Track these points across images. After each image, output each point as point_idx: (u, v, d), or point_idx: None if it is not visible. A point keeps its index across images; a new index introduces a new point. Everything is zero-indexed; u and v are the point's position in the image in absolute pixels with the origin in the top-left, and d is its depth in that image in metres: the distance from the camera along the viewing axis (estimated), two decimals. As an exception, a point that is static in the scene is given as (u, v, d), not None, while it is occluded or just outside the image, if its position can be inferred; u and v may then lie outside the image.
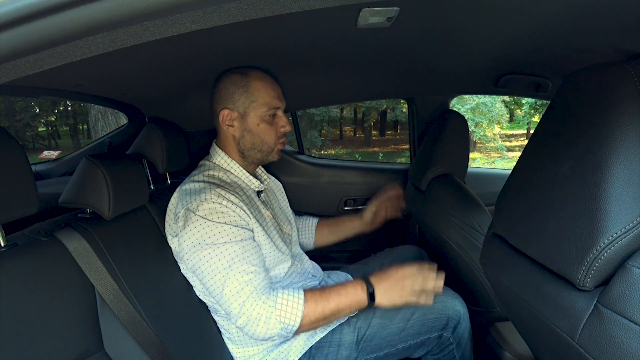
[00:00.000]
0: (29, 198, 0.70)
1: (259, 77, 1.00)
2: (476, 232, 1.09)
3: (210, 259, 0.88)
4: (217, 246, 0.88)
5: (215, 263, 0.87)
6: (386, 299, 0.93)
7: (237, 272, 0.87)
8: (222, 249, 0.88)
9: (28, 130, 10.34)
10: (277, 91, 1.03)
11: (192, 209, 0.90)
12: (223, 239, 0.88)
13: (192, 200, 0.91)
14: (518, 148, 10.42)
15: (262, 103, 1.00)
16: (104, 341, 0.81)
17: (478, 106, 9.02)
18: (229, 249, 0.88)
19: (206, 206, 0.89)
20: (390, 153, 10.97)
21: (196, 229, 0.89)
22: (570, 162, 0.51)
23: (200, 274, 0.90)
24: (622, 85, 0.46)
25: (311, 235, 1.35)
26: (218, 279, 0.87)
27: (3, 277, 0.66)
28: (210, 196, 0.90)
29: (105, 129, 3.64)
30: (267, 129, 1.02)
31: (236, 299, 0.86)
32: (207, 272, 0.88)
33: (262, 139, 1.03)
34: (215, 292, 0.89)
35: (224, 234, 0.88)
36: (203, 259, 0.88)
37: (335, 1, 0.49)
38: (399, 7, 0.65)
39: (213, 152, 1.07)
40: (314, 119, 9.97)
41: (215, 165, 1.05)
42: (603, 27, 0.71)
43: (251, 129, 1.02)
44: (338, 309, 0.91)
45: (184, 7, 0.44)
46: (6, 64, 0.47)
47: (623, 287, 0.43)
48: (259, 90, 0.99)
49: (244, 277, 0.87)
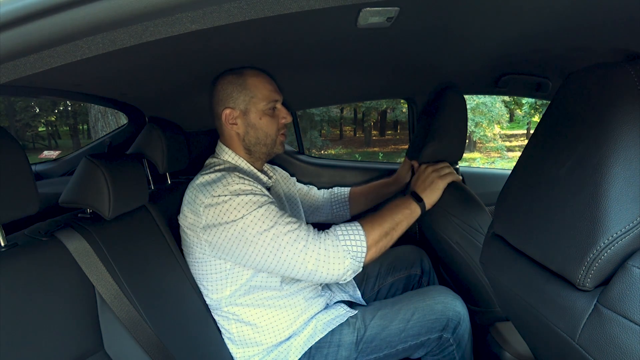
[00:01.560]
0: (29, 198, 0.70)
1: (254, 74, 1.03)
2: (476, 232, 1.08)
3: (254, 224, 0.87)
4: (254, 212, 0.88)
5: (260, 225, 0.87)
6: (429, 193, 1.07)
7: (283, 224, 0.89)
8: (260, 211, 0.89)
9: (28, 130, 10.35)
10: (274, 85, 1.06)
11: (219, 193, 0.90)
12: (256, 205, 0.89)
13: (215, 187, 0.91)
14: (518, 148, 10.43)
15: (261, 97, 1.02)
16: (104, 341, 0.81)
17: (478, 106, 9.03)
18: (266, 210, 0.89)
19: (231, 188, 0.91)
20: (390, 153, 10.97)
21: (231, 206, 0.89)
22: (570, 162, 0.51)
23: (247, 242, 0.88)
24: (622, 85, 0.46)
25: (345, 207, 1.41)
26: (269, 237, 0.87)
27: (3, 277, 0.66)
28: (231, 179, 0.92)
29: (105, 129, 3.64)
30: (269, 122, 1.05)
31: (296, 246, 0.88)
32: (256, 238, 0.87)
33: (265, 132, 1.05)
34: (269, 253, 0.88)
35: (255, 201, 0.90)
36: (247, 228, 0.88)
37: (335, 1, 0.49)
38: (399, 7, 0.65)
39: (220, 151, 1.08)
40: (314, 119, 9.98)
41: (225, 162, 1.05)
42: (603, 27, 0.71)
43: (254, 124, 1.04)
44: (395, 223, 0.99)
45: (184, 7, 0.44)
46: (6, 64, 0.47)
47: (623, 287, 0.43)
48: (256, 86, 1.02)
49: (292, 226, 0.89)
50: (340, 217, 1.42)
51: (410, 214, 1.02)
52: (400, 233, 1.01)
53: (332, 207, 1.42)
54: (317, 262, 0.88)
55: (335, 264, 0.89)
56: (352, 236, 0.92)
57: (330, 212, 1.42)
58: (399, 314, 1.02)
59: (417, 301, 1.05)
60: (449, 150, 1.25)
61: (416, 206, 1.04)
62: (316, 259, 0.88)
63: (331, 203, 1.42)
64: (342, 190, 1.44)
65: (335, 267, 0.89)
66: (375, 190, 1.42)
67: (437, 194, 1.07)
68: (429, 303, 1.03)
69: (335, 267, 0.89)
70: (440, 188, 1.07)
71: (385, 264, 1.32)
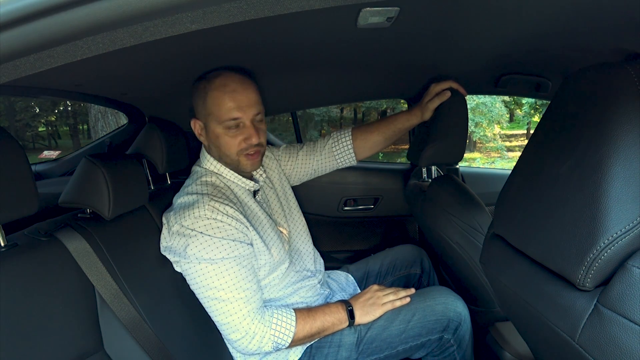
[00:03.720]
0: (29, 198, 0.70)
1: (219, 86, 0.93)
2: (476, 232, 1.08)
3: (207, 274, 0.88)
4: (214, 261, 0.88)
5: (212, 279, 0.88)
6: (364, 312, 1.02)
7: (233, 289, 0.88)
8: (219, 264, 0.88)
9: (28, 130, 10.34)
10: (238, 100, 0.93)
11: (187, 225, 0.89)
12: (221, 254, 0.88)
13: (186, 216, 0.89)
14: (518, 148, 10.42)
15: (217, 116, 0.94)
16: (104, 341, 0.81)
17: (478, 106, 9.02)
18: (227, 264, 0.88)
19: (201, 222, 0.88)
20: (390, 153, 10.95)
21: (194, 244, 0.88)
22: (570, 162, 0.51)
23: (195, 286, 0.91)
24: (622, 85, 0.46)
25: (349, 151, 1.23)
26: (213, 294, 0.89)
27: (3, 277, 0.66)
28: (204, 212, 0.89)
29: (105, 129, 3.64)
30: (227, 142, 0.96)
31: (231, 315, 0.89)
32: (202, 286, 0.89)
33: (223, 152, 0.98)
34: (208, 306, 0.91)
35: (221, 248, 0.88)
36: (199, 272, 0.89)
37: (335, 1, 0.49)
38: (399, 7, 0.65)
39: (202, 157, 1.05)
40: (314, 119, 9.97)
41: (207, 170, 1.02)
42: (602, 27, 0.71)
43: (212, 140, 0.98)
44: (324, 328, 0.99)
45: (184, 7, 0.44)
46: (6, 64, 0.47)
47: (623, 287, 0.43)
48: (214, 103, 0.94)
49: (240, 294, 0.89)
50: (344, 162, 1.25)
51: (339, 324, 1.00)
52: (322, 337, 1.02)
53: (335, 155, 1.25)
54: (242, 336, 0.90)
55: (255, 345, 0.91)
56: (282, 328, 0.93)
57: (333, 159, 1.25)
58: (399, 315, 1.02)
59: (417, 302, 1.04)
60: (449, 152, 1.25)
61: (346, 321, 1.01)
62: (243, 334, 0.90)
63: (332, 152, 1.25)
64: (342, 133, 1.25)
65: (253, 347, 0.91)
66: (387, 126, 1.23)
67: (369, 318, 1.02)
68: (429, 304, 1.03)
69: (253, 347, 0.92)
70: (376, 315, 1.02)
71: (385, 263, 1.32)
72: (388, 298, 1.04)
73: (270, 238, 1.03)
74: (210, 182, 0.99)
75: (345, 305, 1.03)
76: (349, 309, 1.02)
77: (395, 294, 1.05)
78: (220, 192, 0.97)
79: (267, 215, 1.07)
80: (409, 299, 1.04)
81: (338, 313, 1.00)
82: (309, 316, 0.98)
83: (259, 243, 0.97)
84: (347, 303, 1.04)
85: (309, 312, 0.99)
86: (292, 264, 1.09)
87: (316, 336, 0.99)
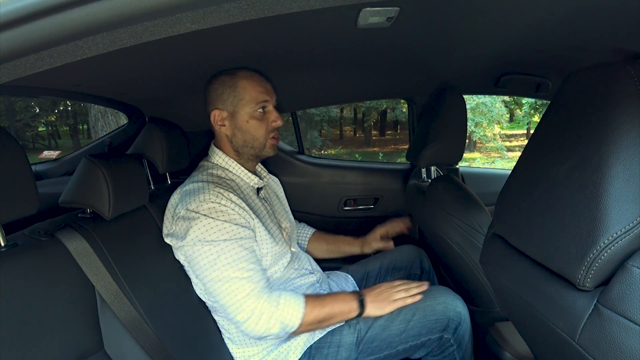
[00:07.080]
0: (29, 198, 0.70)
1: (246, 75, 1.02)
2: (476, 232, 1.08)
3: (210, 256, 0.88)
4: (217, 243, 0.88)
5: (215, 260, 0.88)
6: (375, 305, 1.01)
7: (237, 269, 0.88)
8: (222, 245, 0.89)
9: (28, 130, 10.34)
10: (265, 86, 1.04)
11: (192, 208, 0.91)
12: (223, 237, 0.89)
13: (191, 201, 0.92)
14: (518, 148, 10.42)
15: (249, 100, 1.02)
16: (104, 341, 0.81)
17: (478, 106, 9.02)
18: (229, 246, 0.89)
19: (206, 206, 0.91)
20: (390, 153, 10.96)
21: (197, 226, 0.89)
22: (570, 162, 0.51)
23: (199, 269, 0.91)
24: (622, 85, 0.46)
25: (304, 241, 1.39)
26: (217, 275, 0.88)
27: (3, 277, 0.66)
28: (209, 196, 0.92)
29: (105, 129, 3.64)
30: (257, 125, 1.04)
31: (236, 294, 0.87)
32: (206, 268, 0.89)
33: (252, 136, 1.04)
34: (213, 289, 0.90)
35: (224, 231, 0.90)
36: (203, 254, 0.89)
37: (335, 1, 0.49)
38: (399, 7, 0.65)
39: (211, 152, 1.09)
40: (314, 119, 9.97)
41: (214, 164, 1.07)
42: (602, 27, 0.71)
43: (241, 127, 1.03)
44: (333, 315, 0.97)
45: (184, 7, 0.44)
46: (6, 64, 0.47)
47: (623, 287, 0.43)
48: (245, 88, 1.01)
49: (244, 274, 0.89)
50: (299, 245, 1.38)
51: (348, 313, 0.99)
52: (329, 325, 1.00)
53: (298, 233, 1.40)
54: (249, 316, 0.88)
55: (262, 326, 0.89)
56: (291, 309, 0.91)
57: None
58: (399, 315, 1.02)
59: (418, 302, 1.04)
60: (448, 152, 1.25)
61: (356, 310, 1.00)
62: (249, 314, 0.88)
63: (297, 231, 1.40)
64: (307, 229, 1.41)
65: (260, 329, 0.89)
66: (336, 243, 1.40)
67: (378, 312, 1.01)
68: (429, 303, 1.03)
69: (261, 329, 0.89)
70: (385, 311, 1.01)
71: (385, 263, 1.32)
72: (399, 295, 1.03)
73: (272, 229, 1.05)
74: (217, 174, 1.03)
75: (357, 295, 1.02)
76: (360, 299, 1.01)
77: (406, 290, 1.04)
78: (226, 182, 1.00)
79: (269, 211, 1.11)
80: (419, 297, 1.03)
81: (348, 301, 1.00)
82: (318, 300, 0.97)
83: (262, 231, 0.99)
84: (359, 293, 1.03)
85: (318, 297, 0.99)
86: (292, 262, 1.10)
87: (325, 323, 0.98)
